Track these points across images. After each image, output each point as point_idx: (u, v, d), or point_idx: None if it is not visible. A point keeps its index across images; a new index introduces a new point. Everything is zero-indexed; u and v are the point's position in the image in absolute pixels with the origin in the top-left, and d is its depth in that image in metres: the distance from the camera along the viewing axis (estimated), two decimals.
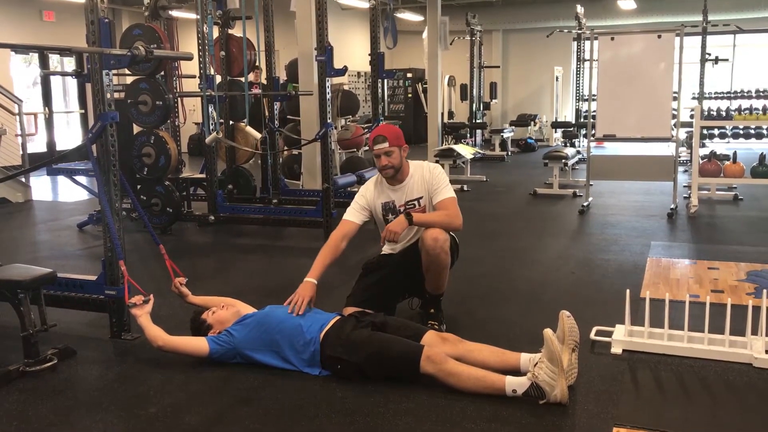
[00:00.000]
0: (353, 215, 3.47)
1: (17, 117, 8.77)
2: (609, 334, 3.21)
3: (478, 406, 2.58)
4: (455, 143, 11.22)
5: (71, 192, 8.76)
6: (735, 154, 6.86)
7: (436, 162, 8.29)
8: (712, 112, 12.37)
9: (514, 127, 14.28)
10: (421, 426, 2.46)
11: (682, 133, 8.84)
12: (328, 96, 5.67)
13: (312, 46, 6.39)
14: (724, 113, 12.41)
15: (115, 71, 3.69)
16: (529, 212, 7.22)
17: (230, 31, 6.75)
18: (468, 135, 12.59)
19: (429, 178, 3.43)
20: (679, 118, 7.52)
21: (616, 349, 3.12)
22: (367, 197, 3.51)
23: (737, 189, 7.60)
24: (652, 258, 4.90)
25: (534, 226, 6.44)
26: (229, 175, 7.03)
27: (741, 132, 12.69)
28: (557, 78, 15.36)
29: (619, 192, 8.10)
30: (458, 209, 3.39)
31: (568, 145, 12.70)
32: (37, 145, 10.01)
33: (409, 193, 3.46)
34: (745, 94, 12.95)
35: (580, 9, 12.51)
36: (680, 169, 8.53)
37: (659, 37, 6.63)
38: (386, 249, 3.59)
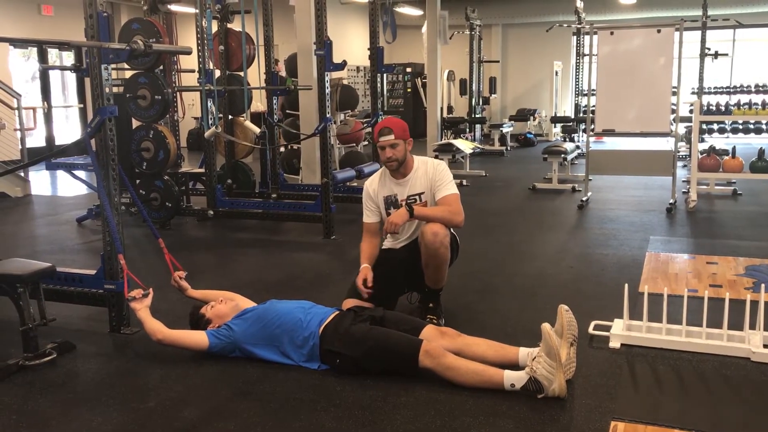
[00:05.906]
0: (369, 216, 3.58)
1: (16, 111, 8.77)
2: (607, 328, 3.22)
3: (476, 400, 2.59)
4: (454, 138, 11.22)
5: (70, 186, 8.78)
6: (734, 149, 6.85)
7: (435, 157, 8.29)
8: (711, 107, 12.30)
9: (513, 122, 14.28)
10: (420, 420, 2.47)
11: (681, 128, 8.85)
12: (327, 90, 5.66)
13: (311, 40, 6.38)
14: (723, 108, 12.36)
15: (113, 65, 3.69)
16: (528, 207, 7.21)
17: (229, 26, 6.73)
18: (467, 130, 12.57)
19: (432, 174, 3.45)
20: (679, 112, 7.53)
21: (614, 344, 3.12)
22: (370, 192, 3.56)
23: (736, 184, 7.61)
24: (651, 252, 4.91)
25: (533, 220, 6.44)
26: (228, 170, 7.03)
27: (740, 127, 12.69)
28: (556, 73, 15.34)
29: (618, 187, 8.10)
30: (460, 206, 3.40)
31: (567, 139, 12.70)
32: (36, 139, 9.97)
33: (411, 188, 3.48)
34: (745, 89, 12.92)
35: (579, 3, 12.48)
36: (679, 164, 8.53)
37: (659, 31, 6.62)
38: (387, 244, 3.59)
